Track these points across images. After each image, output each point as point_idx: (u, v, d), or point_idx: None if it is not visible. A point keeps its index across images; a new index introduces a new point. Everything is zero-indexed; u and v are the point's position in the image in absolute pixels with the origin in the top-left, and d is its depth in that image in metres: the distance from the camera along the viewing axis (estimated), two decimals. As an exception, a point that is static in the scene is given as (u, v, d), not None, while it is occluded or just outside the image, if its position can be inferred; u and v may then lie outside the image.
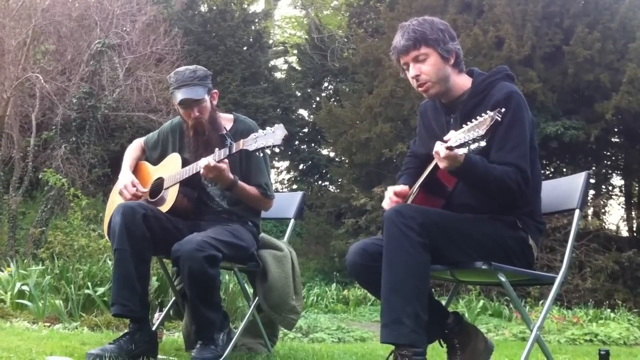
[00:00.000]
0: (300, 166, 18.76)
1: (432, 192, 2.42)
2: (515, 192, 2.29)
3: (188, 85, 3.03)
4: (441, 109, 2.55)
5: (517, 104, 2.34)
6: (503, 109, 2.08)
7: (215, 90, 3.19)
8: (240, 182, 3.03)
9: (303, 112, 19.52)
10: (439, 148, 2.17)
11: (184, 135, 3.20)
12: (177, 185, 3.03)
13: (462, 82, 2.49)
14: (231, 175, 2.95)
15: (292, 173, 19.31)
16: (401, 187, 2.52)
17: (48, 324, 4.50)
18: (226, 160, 2.90)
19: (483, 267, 2.26)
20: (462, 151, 2.11)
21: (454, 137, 2.13)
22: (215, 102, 3.17)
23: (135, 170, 3.27)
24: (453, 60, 2.44)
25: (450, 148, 2.13)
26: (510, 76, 2.50)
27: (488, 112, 2.06)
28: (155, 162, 3.28)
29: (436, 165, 2.29)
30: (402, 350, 2.16)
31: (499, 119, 2.04)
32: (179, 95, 3.02)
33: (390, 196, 2.49)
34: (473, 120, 2.09)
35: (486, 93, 2.41)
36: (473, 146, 2.07)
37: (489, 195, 2.33)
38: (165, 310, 3.55)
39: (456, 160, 2.16)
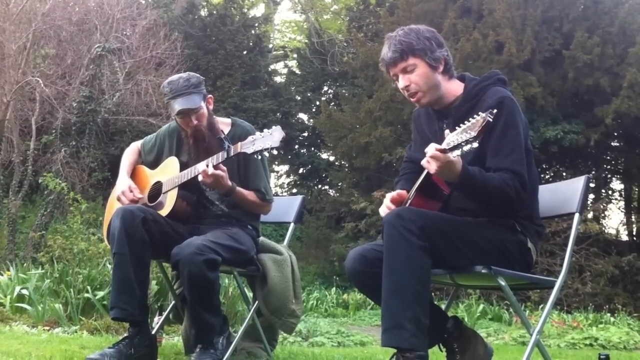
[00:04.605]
0: (300, 170, 18.78)
1: (429, 196, 2.41)
2: (513, 199, 2.29)
3: (183, 95, 3.00)
4: (434, 115, 2.56)
5: (509, 109, 2.34)
6: (495, 110, 2.08)
7: (210, 96, 3.17)
8: (239, 188, 3.02)
9: (303, 116, 19.57)
10: (429, 148, 2.17)
11: (182, 138, 3.19)
12: (176, 189, 3.02)
13: (454, 88, 2.49)
14: (229, 182, 2.94)
15: (292, 177, 19.34)
16: (398, 193, 2.51)
17: (47, 328, 4.49)
18: (224, 168, 2.89)
19: (483, 271, 2.25)
20: (456, 153, 2.10)
21: (447, 139, 2.13)
22: (211, 107, 3.15)
23: (133, 175, 3.25)
24: (442, 67, 2.44)
25: (442, 150, 2.12)
26: (502, 80, 2.49)
27: (480, 113, 2.06)
28: (150, 166, 3.26)
29: None
30: (404, 353, 2.15)
31: (491, 119, 2.04)
32: (176, 105, 3.00)
33: (387, 204, 2.49)
34: (466, 122, 2.09)
35: (478, 98, 2.41)
36: (466, 148, 2.06)
37: (488, 204, 2.33)
38: (164, 314, 3.54)
39: (447, 163, 2.14)
